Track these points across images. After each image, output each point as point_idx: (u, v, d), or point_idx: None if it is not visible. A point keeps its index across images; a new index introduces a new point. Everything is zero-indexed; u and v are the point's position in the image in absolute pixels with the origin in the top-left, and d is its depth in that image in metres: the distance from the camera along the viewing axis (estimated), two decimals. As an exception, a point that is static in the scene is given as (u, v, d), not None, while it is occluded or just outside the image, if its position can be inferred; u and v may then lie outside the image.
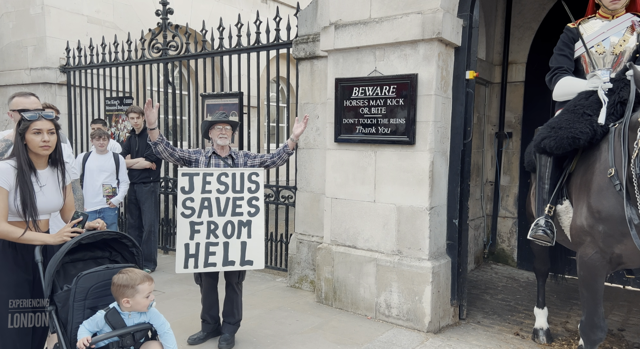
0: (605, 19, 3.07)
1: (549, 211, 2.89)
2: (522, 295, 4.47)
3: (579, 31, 3.10)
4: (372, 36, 3.67)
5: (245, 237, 3.10)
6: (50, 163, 2.33)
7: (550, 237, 2.85)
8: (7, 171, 2.17)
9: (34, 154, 2.23)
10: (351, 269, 3.91)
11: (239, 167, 3.23)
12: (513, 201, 5.53)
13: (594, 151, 2.71)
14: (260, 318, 3.76)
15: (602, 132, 2.67)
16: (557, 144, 2.71)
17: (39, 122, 2.19)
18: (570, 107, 2.85)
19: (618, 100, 2.68)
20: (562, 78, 3.07)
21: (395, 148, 3.68)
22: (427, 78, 3.48)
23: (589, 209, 2.58)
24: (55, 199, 2.33)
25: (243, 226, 3.11)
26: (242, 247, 3.10)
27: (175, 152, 3.21)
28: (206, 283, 3.25)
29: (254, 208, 3.14)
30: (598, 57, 3.04)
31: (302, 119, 3.35)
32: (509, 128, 5.54)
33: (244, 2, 9.56)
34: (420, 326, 3.55)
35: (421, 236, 3.59)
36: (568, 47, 3.13)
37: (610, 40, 3.00)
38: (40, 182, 2.25)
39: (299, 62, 4.57)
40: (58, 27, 6.61)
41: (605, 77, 2.81)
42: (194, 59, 5.54)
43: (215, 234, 3.09)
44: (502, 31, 5.46)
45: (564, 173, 2.91)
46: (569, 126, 2.70)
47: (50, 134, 2.22)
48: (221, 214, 3.11)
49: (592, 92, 2.82)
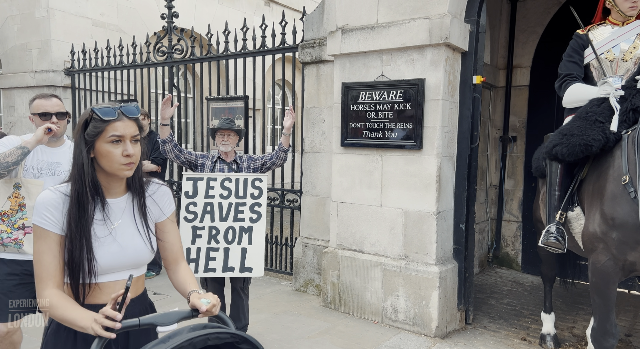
0: (615, 26, 3.07)
1: (560, 218, 2.89)
2: (528, 299, 4.47)
3: (589, 38, 3.10)
4: (379, 41, 3.68)
5: (246, 244, 3.08)
6: (128, 187, 1.49)
7: (562, 244, 2.85)
8: (55, 204, 1.36)
9: (105, 174, 1.41)
10: (357, 273, 3.91)
11: (243, 172, 3.22)
12: (517, 205, 5.53)
13: (606, 157, 2.70)
14: (267, 322, 3.76)
15: (614, 140, 2.67)
16: (569, 151, 2.70)
17: (119, 124, 1.36)
18: (582, 114, 2.84)
19: (630, 107, 2.68)
20: (572, 85, 3.06)
21: (402, 153, 3.69)
22: (435, 83, 3.49)
23: (602, 216, 2.57)
24: (136, 246, 1.45)
25: (244, 232, 3.09)
26: (243, 253, 3.08)
27: (182, 154, 3.23)
28: (212, 288, 3.24)
29: (256, 214, 3.12)
30: (608, 63, 3.04)
31: (289, 111, 3.28)
32: (513, 132, 5.54)
33: (247, 5, 9.59)
34: (427, 331, 3.54)
35: (428, 240, 3.59)
36: (578, 54, 3.13)
37: (621, 47, 3.00)
38: (111, 220, 1.42)
39: (305, 67, 4.58)
40: (63, 30, 6.63)
41: (617, 84, 2.80)
42: (199, 62, 5.55)
43: (217, 239, 3.11)
44: (507, 35, 5.47)
45: (575, 180, 2.91)
46: (581, 133, 2.69)
47: (134, 143, 1.40)
48: (223, 219, 3.11)
49: (604, 99, 2.81)
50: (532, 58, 5.35)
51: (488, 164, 5.57)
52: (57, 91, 6.66)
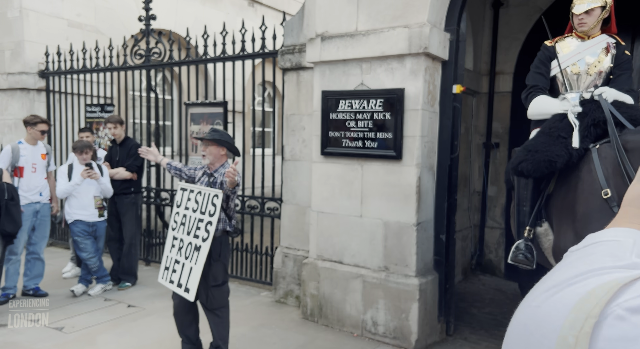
0: (580, 39, 3.07)
1: (528, 234, 2.86)
2: (510, 308, 4.45)
3: (556, 49, 3.10)
4: (359, 49, 3.60)
5: (194, 263, 2.93)
6: None
7: (531, 262, 2.82)
8: None
9: None
10: (337, 285, 3.84)
11: (212, 187, 3.05)
12: (500, 212, 5.52)
13: (573, 172, 2.68)
14: (244, 337, 3.66)
15: (577, 155, 2.66)
16: (534, 167, 2.69)
17: None
18: (545, 130, 2.84)
19: (591, 123, 2.67)
20: (536, 97, 3.06)
21: (382, 162, 3.62)
22: (414, 92, 3.43)
23: (575, 232, 2.53)
24: None
25: (196, 249, 2.95)
26: (189, 272, 2.94)
27: (182, 173, 3.32)
28: (174, 300, 3.13)
29: (207, 233, 2.92)
30: (573, 77, 3.04)
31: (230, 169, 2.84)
32: (496, 138, 5.53)
33: (231, 5, 9.44)
34: (407, 344, 3.49)
35: (408, 252, 3.53)
36: (544, 65, 3.13)
37: (586, 60, 3.01)
38: None
39: (285, 73, 4.48)
40: (37, 31, 6.42)
41: (575, 100, 2.80)
42: (178, 66, 5.41)
43: (181, 252, 3.06)
44: (490, 41, 5.44)
45: (542, 195, 2.89)
46: (545, 149, 2.68)
47: None
48: (188, 233, 3.03)
49: (566, 115, 2.80)
50: (515, 64, 5.33)
51: (471, 170, 5.54)
52: (30, 94, 6.45)
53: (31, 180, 4.42)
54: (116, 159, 4.89)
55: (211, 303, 3.04)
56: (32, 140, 4.48)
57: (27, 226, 4.37)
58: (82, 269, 4.65)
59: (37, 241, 4.50)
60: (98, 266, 4.56)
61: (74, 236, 4.50)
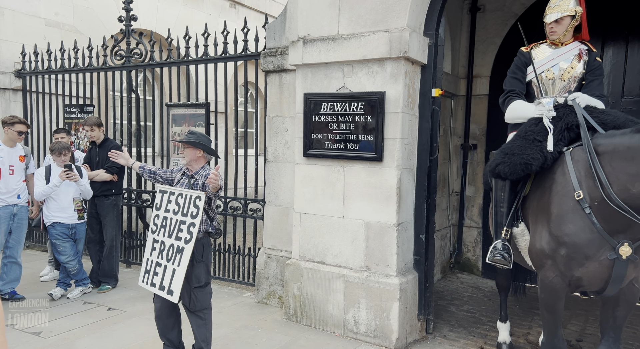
0: (554, 46, 3.20)
1: (505, 234, 2.97)
2: (487, 305, 4.58)
3: (531, 55, 3.22)
4: (340, 53, 3.66)
5: (177, 265, 2.95)
6: None
7: (508, 261, 2.93)
8: None
9: None
10: (320, 285, 3.89)
11: (196, 190, 3.05)
12: (478, 211, 5.66)
13: (548, 174, 2.80)
14: (227, 338, 3.68)
15: (552, 158, 2.78)
16: (510, 170, 2.81)
17: None
18: (521, 133, 2.96)
19: (565, 127, 2.80)
20: (513, 102, 3.19)
21: (363, 164, 3.69)
22: (395, 96, 3.50)
23: (550, 232, 2.64)
24: None
25: (178, 252, 2.96)
26: (172, 274, 2.95)
27: (157, 176, 3.33)
28: (156, 304, 3.12)
29: (189, 235, 2.93)
30: (548, 82, 3.17)
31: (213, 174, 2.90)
32: (473, 140, 5.66)
33: (212, 6, 9.39)
34: (388, 343, 3.56)
35: (389, 252, 3.60)
36: (520, 71, 3.26)
37: (560, 66, 3.15)
38: None
39: (268, 75, 4.51)
40: (13, 30, 6.28)
41: (549, 105, 2.93)
42: (159, 67, 5.38)
43: (162, 255, 3.05)
44: (467, 45, 5.58)
45: (519, 197, 3.00)
46: (521, 152, 2.80)
47: None
48: (169, 235, 3.03)
49: (541, 119, 2.92)
50: (492, 68, 5.48)
51: (450, 171, 5.67)
52: (6, 94, 6.31)
53: (8, 182, 4.33)
54: (96, 160, 4.83)
55: (194, 305, 3.04)
56: (10, 141, 4.40)
57: (3, 229, 4.29)
58: (61, 273, 4.58)
59: (13, 244, 4.42)
60: (77, 269, 4.50)
61: (53, 239, 4.43)
